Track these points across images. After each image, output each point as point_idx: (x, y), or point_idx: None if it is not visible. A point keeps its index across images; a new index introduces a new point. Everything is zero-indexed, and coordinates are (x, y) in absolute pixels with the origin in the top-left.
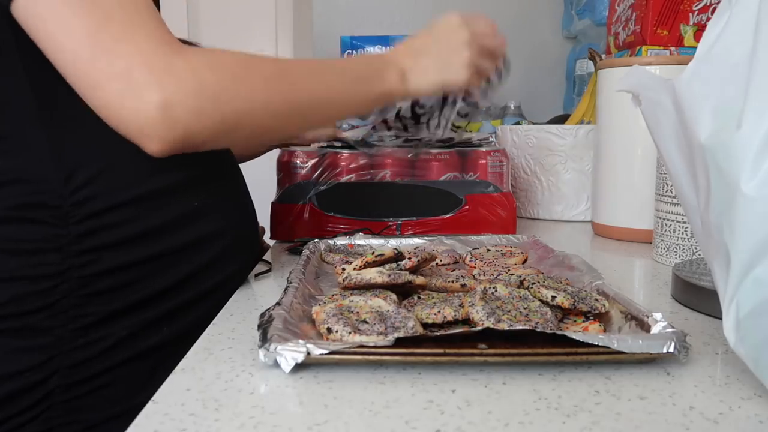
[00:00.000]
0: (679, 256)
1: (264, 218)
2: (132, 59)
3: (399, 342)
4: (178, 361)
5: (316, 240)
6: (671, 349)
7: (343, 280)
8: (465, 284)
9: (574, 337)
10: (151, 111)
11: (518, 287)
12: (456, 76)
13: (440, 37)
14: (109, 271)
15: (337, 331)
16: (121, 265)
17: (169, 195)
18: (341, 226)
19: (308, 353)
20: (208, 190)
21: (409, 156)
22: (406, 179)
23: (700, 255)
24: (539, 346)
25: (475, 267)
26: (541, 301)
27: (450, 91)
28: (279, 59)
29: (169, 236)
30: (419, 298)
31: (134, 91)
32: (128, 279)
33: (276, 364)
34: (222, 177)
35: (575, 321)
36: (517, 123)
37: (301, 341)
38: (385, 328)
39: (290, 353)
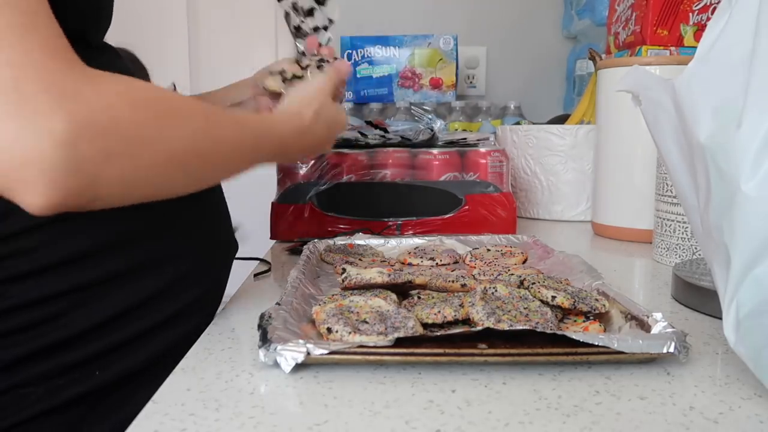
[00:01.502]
0: (679, 256)
1: (264, 218)
2: (22, 71)
3: (399, 342)
4: (120, 408)
5: (316, 240)
6: (671, 349)
7: (343, 280)
8: (465, 284)
9: (574, 337)
10: (47, 144)
11: (518, 287)
12: (317, 154)
13: (326, 130)
14: (18, 307)
15: (337, 331)
16: (34, 300)
17: (107, 210)
18: (341, 226)
19: (308, 353)
20: (165, 202)
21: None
22: (406, 179)
23: (700, 255)
24: (539, 346)
25: (475, 267)
26: (541, 301)
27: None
28: (207, 106)
29: (103, 261)
30: (419, 298)
31: (24, 113)
32: (43, 316)
33: (276, 364)
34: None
35: (575, 321)
36: (517, 123)
37: (301, 341)
38: (385, 328)
39: (290, 353)
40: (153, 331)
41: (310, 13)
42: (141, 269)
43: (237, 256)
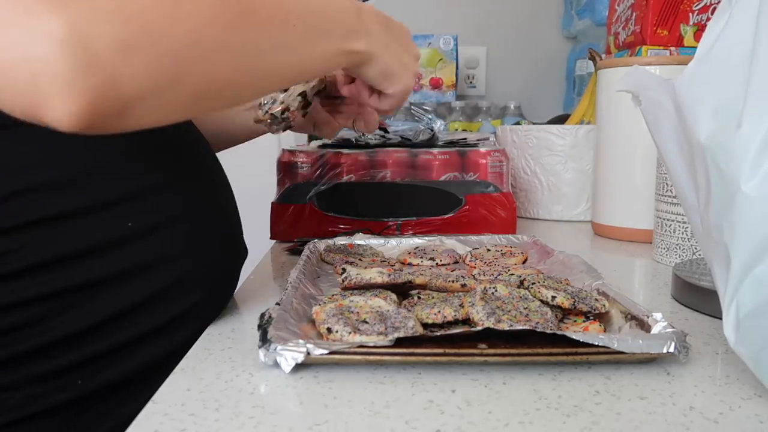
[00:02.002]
0: (679, 256)
1: (264, 218)
2: None
3: (399, 342)
4: (105, 419)
5: (316, 240)
6: (671, 349)
7: (343, 280)
8: (465, 284)
9: (574, 337)
10: (50, 47)
11: (518, 287)
12: (405, 78)
13: (404, 34)
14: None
15: (337, 331)
16: (15, 303)
17: (88, 214)
18: (341, 226)
19: (308, 353)
20: (154, 204)
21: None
22: (406, 179)
23: (700, 255)
24: (539, 346)
25: (475, 267)
26: (541, 301)
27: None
28: None
29: (85, 265)
30: (419, 298)
31: (20, 20)
32: (25, 319)
33: (276, 364)
34: (179, 184)
35: (575, 321)
36: (517, 123)
37: (301, 341)
38: (385, 328)
39: (290, 353)
40: (143, 340)
41: None
42: (131, 274)
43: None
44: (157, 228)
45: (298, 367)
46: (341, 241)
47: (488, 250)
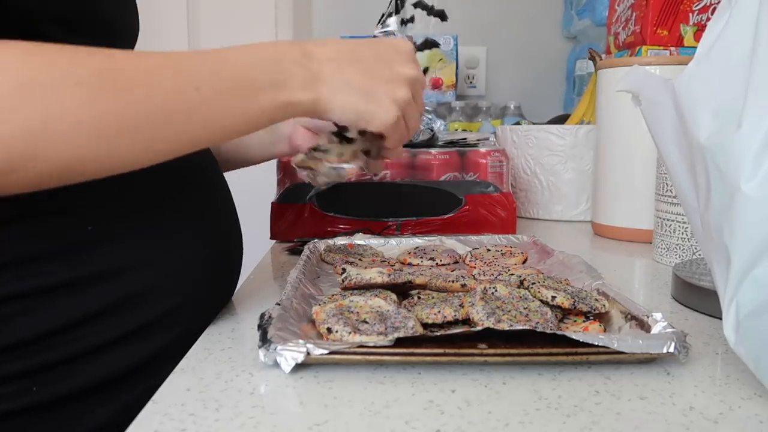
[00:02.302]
0: (679, 256)
1: (264, 218)
2: None
3: (399, 342)
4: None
5: (316, 240)
6: (671, 349)
7: (343, 280)
8: (465, 284)
9: (574, 337)
10: None
11: (518, 287)
12: (381, 112)
13: (381, 56)
14: None
15: (337, 331)
16: None
17: (38, 218)
18: (341, 226)
19: (308, 353)
20: (119, 207)
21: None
22: (406, 179)
23: (700, 255)
24: (539, 346)
25: (475, 267)
26: (541, 301)
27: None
28: (111, 53)
29: (44, 270)
30: (419, 298)
31: None
32: None
33: (276, 364)
34: (152, 188)
35: (575, 321)
36: (517, 123)
37: (301, 341)
38: (385, 328)
39: (290, 353)
40: (104, 349)
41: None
42: (93, 279)
43: None
44: (128, 230)
45: (298, 367)
46: (341, 241)
47: (488, 250)
